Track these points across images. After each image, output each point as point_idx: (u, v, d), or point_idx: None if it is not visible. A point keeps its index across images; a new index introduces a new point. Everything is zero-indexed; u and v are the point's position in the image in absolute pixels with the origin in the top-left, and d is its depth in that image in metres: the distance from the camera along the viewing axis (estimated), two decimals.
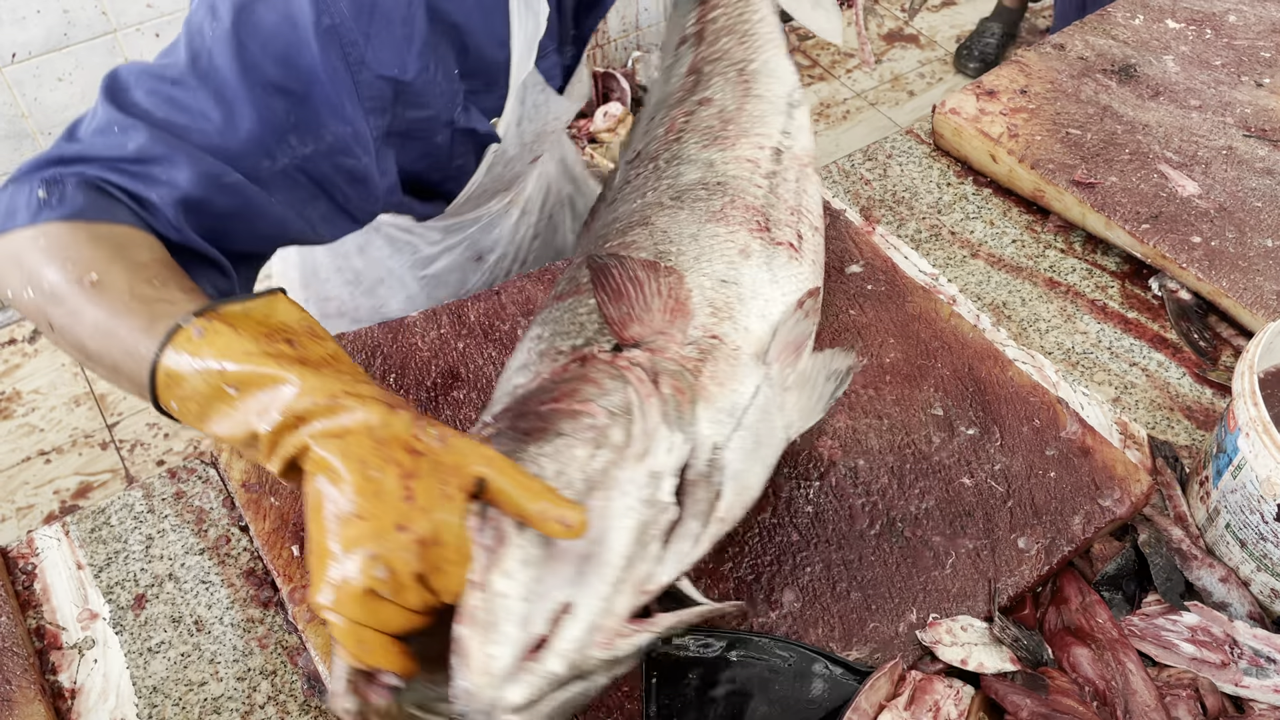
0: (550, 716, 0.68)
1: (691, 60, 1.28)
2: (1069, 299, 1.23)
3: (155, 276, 0.74)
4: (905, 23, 3.44)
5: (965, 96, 1.41)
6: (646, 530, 0.77)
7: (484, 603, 0.67)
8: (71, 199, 0.77)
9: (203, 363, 0.67)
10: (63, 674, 0.94)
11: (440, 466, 0.66)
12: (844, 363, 0.99)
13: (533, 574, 0.70)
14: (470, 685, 0.66)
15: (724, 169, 1.13)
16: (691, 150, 1.16)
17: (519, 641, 0.68)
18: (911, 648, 0.89)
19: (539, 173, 1.39)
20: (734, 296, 0.99)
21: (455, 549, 0.65)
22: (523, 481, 0.68)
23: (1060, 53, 1.48)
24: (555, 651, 0.68)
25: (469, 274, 1.38)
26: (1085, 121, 1.37)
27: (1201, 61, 1.46)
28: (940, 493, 0.99)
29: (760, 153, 1.15)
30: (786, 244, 1.06)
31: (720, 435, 0.87)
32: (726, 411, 0.89)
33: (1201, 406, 1.11)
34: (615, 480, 0.78)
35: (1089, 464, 1.00)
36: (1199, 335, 1.17)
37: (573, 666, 0.69)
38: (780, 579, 0.94)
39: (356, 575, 0.62)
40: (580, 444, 0.78)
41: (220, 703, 0.93)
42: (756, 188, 1.11)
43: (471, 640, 0.66)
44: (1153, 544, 0.96)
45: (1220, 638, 0.89)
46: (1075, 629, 0.91)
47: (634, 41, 3.35)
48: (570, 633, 0.69)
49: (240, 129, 0.83)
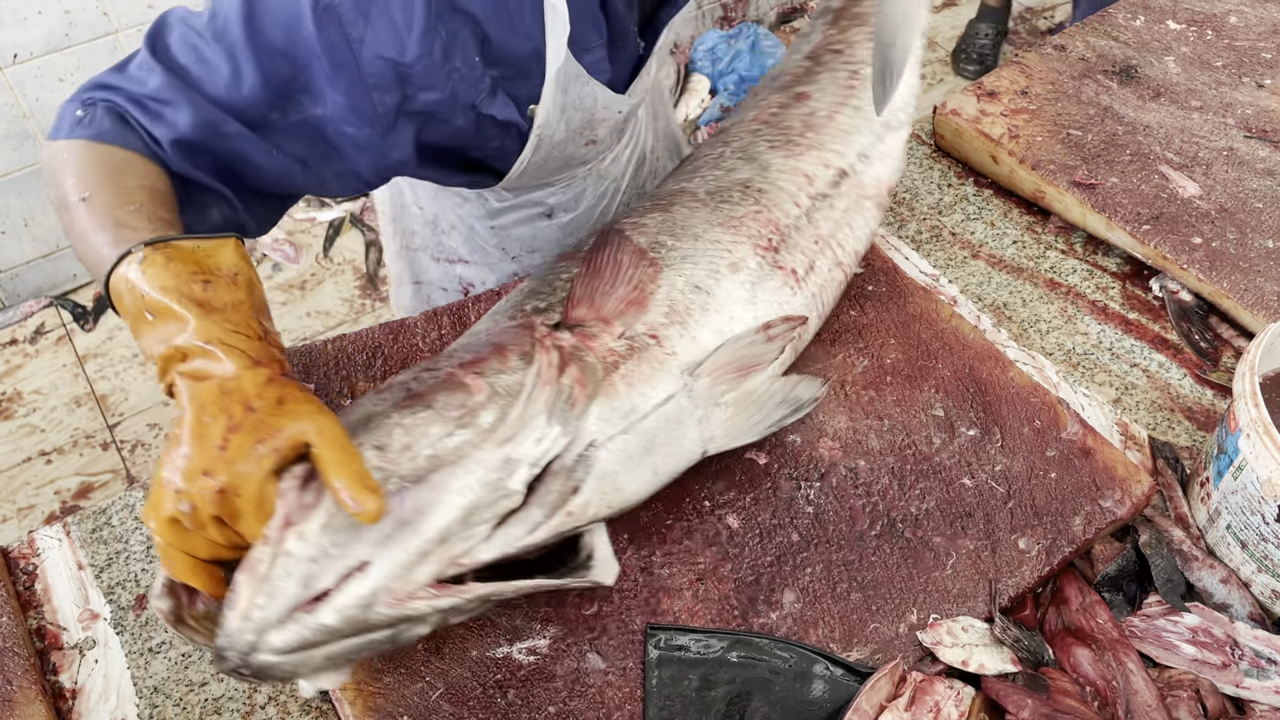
0: (324, 662, 0.75)
1: (818, 42, 1.25)
2: (1070, 300, 1.23)
3: (135, 201, 0.85)
4: None
5: (966, 98, 1.41)
6: (478, 511, 0.81)
7: (267, 557, 0.73)
8: (99, 122, 0.89)
9: (133, 286, 0.78)
10: (64, 674, 0.94)
11: (263, 425, 0.72)
12: (808, 392, 1.00)
13: (332, 538, 0.75)
14: (232, 628, 0.72)
15: (775, 177, 1.11)
16: (759, 148, 1.15)
17: (293, 596, 0.73)
18: (912, 649, 0.89)
19: (631, 147, 1.40)
20: (697, 305, 0.99)
21: (252, 501, 0.72)
22: (339, 455, 0.74)
23: (1061, 54, 1.48)
24: (333, 606, 0.74)
25: (539, 229, 1.39)
26: (1086, 122, 1.37)
27: (1202, 63, 1.46)
28: (941, 493, 0.99)
29: (822, 171, 1.12)
30: (788, 270, 1.05)
31: (603, 434, 0.89)
32: (622, 413, 0.90)
33: (1202, 407, 1.11)
34: (465, 459, 0.82)
35: (1090, 465, 1.00)
36: (1200, 336, 1.17)
37: (351, 621, 0.74)
38: (781, 579, 0.94)
39: (166, 504, 0.71)
40: (441, 421, 0.83)
41: (221, 703, 0.93)
42: (794, 206, 1.09)
43: (244, 588, 0.73)
44: (1153, 545, 0.96)
45: (1221, 639, 0.89)
46: (1075, 629, 0.91)
47: None
48: (356, 589, 0.74)
49: (244, 85, 0.92)
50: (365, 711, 0.87)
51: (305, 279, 2.80)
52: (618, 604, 0.92)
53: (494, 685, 0.88)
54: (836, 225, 1.11)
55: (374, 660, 0.89)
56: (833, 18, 1.26)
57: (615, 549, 0.92)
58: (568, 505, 0.86)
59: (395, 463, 0.80)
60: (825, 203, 1.11)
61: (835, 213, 1.11)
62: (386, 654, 0.89)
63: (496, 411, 0.85)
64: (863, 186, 1.14)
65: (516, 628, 0.91)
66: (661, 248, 1.03)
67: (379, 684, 0.88)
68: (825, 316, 1.11)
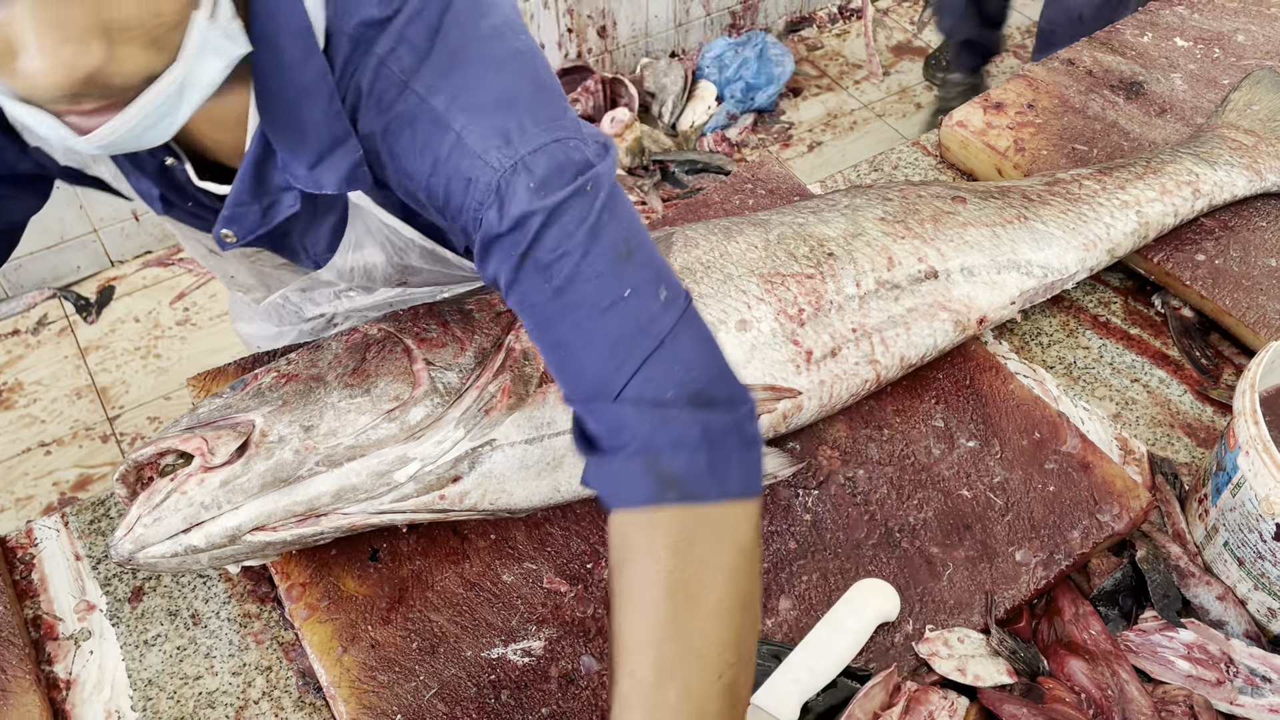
0: (208, 565, 0.90)
1: (1059, 179, 1.19)
2: (1071, 314, 1.23)
3: None
4: (914, 35, 3.45)
5: (973, 109, 1.41)
6: (355, 491, 0.89)
7: (164, 490, 0.86)
8: None
9: None
10: (58, 664, 0.94)
11: None
12: (771, 466, 0.98)
13: (226, 494, 0.86)
14: (117, 537, 0.87)
15: (856, 246, 1.05)
16: (870, 213, 1.09)
17: (173, 528, 0.86)
18: (908, 658, 0.89)
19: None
20: None
21: None
22: None
23: (1068, 68, 1.49)
24: (204, 532, 0.86)
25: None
26: (1092, 137, 1.37)
27: (1209, 80, 1.46)
28: (939, 504, 0.99)
29: (911, 262, 1.05)
30: (805, 350, 0.99)
31: (507, 438, 0.91)
32: (536, 424, 0.91)
33: (1202, 424, 1.11)
34: (374, 452, 0.88)
35: (1088, 479, 1.00)
36: (1201, 353, 1.17)
37: (217, 545, 0.87)
38: (776, 586, 0.94)
39: None
40: (372, 413, 0.88)
41: (215, 697, 0.93)
42: (852, 284, 1.02)
43: (135, 509, 0.87)
44: (1150, 560, 0.96)
45: (1216, 655, 0.89)
46: (1068, 641, 0.91)
47: (643, 48, 3.36)
48: (225, 522, 0.86)
49: None
50: (360, 710, 0.87)
51: None
52: None
53: (488, 685, 0.88)
54: (891, 322, 1.03)
55: (369, 659, 0.89)
56: (1098, 173, 1.20)
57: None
58: (443, 489, 0.90)
59: (315, 447, 0.88)
60: (890, 294, 1.03)
61: (895, 308, 1.03)
62: (381, 654, 0.90)
63: (426, 410, 0.89)
64: (947, 296, 1.06)
65: (512, 629, 0.91)
66: (689, 275, 1.00)
67: (374, 682, 0.88)
68: (833, 409, 1.04)
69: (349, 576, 0.95)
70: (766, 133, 3.16)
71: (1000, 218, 1.12)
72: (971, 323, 1.07)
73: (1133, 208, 1.16)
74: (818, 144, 3.12)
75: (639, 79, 3.24)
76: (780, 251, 1.04)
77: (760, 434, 0.77)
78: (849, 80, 3.35)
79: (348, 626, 0.92)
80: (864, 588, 0.91)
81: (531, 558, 0.96)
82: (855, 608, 0.89)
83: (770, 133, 3.16)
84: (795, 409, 0.99)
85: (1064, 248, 1.12)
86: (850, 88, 3.31)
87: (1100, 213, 1.15)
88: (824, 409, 1.02)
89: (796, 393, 0.97)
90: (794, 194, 1.29)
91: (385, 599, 0.94)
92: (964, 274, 1.07)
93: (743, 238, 1.05)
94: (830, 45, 3.51)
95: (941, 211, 1.11)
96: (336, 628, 0.92)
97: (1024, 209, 1.14)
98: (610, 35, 3.24)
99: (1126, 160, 1.24)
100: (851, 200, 1.13)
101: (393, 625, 0.92)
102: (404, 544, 0.97)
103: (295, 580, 0.95)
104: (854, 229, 1.07)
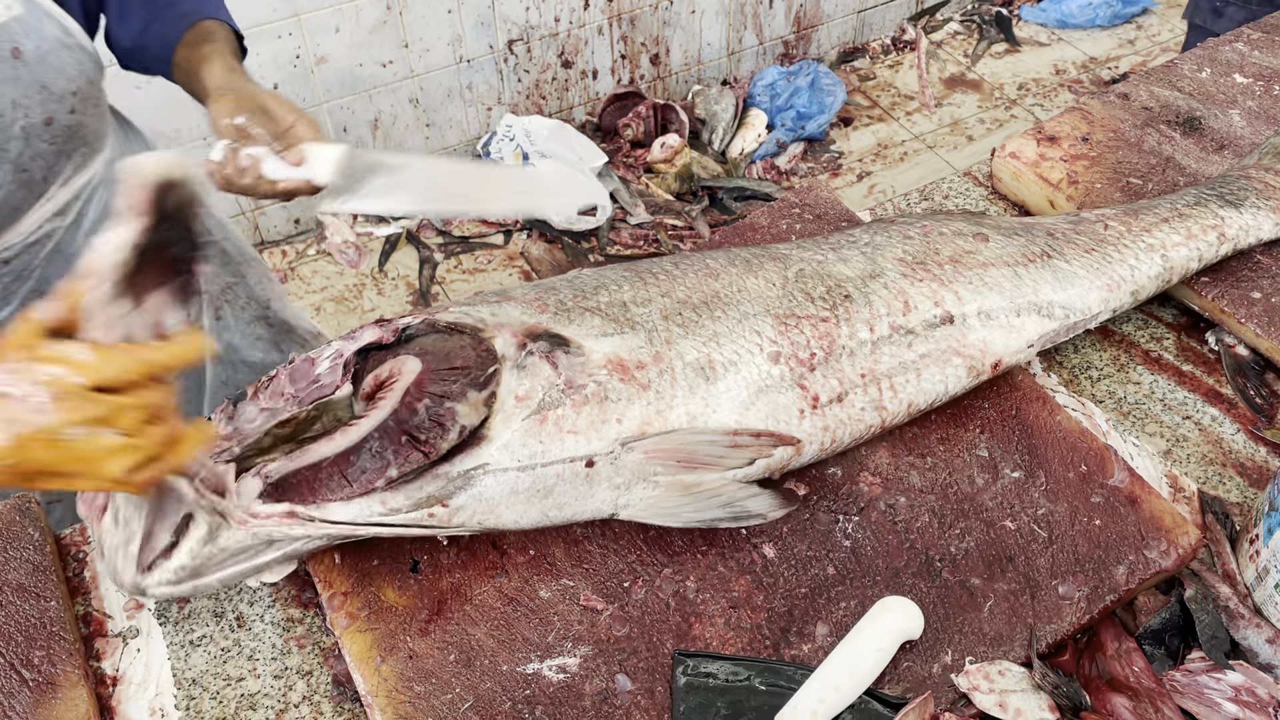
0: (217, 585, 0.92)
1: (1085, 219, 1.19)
2: (1122, 348, 1.21)
3: None
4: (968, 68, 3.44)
5: (1026, 141, 1.41)
6: None
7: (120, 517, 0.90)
8: None
9: None
10: (106, 661, 0.96)
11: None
12: (759, 508, 0.93)
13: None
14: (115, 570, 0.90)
15: (873, 288, 1.04)
16: (889, 252, 1.08)
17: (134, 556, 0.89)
18: (946, 690, 0.88)
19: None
20: (686, 385, 0.95)
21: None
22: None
23: (1124, 102, 1.47)
24: (182, 551, 0.89)
25: None
26: (1147, 171, 1.36)
27: (1269, 117, 1.44)
28: (981, 534, 0.98)
29: (928, 306, 1.04)
30: (811, 395, 0.98)
31: (499, 464, 0.91)
32: (529, 453, 0.92)
33: (1255, 464, 1.09)
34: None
35: (1136, 514, 0.98)
36: (1255, 392, 1.15)
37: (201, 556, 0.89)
38: (814, 612, 0.93)
39: None
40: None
41: (256, 699, 0.94)
42: (865, 328, 1.01)
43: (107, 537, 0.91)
44: (1199, 600, 0.94)
45: (1265, 699, 0.87)
46: (1110, 677, 0.89)
47: (695, 75, 3.38)
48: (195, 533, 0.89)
49: None
50: (396, 719, 0.87)
51: (363, 287, 2.87)
52: (649, 626, 0.92)
53: (523, 700, 0.89)
54: (902, 367, 1.02)
55: (406, 670, 0.90)
56: (1124, 214, 1.19)
57: (651, 569, 0.92)
58: (433, 509, 0.91)
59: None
60: (904, 339, 1.02)
61: (907, 353, 1.02)
62: (419, 665, 0.90)
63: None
64: (962, 341, 1.04)
65: (548, 645, 0.92)
66: (707, 309, 1.01)
67: (410, 693, 0.89)
68: (834, 452, 1.03)
69: (390, 587, 0.96)
70: (816, 161, 3.16)
71: (1023, 255, 1.11)
72: (986, 367, 1.06)
73: (1158, 250, 1.15)
74: (867, 173, 3.12)
75: (690, 105, 3.27)
76: (797, 291, 1.03)
77: None
78: (900, 111, 3.35)
79: (387, 636, 0.93)
80: (886, 605, 0.90)
81: (569, 574, 0.97)
82: (878, 625, 0.89)
83: (819, 161, 3.16)
84: (795, 454, 0.99)
85: (1087, 287, 1.11)
86: (902, 119, 3.31)
87: (1125, 254, 1.14)
88: (824, 452, 1.02)
89: (796, 440, 0.96)
90: (842, 220, 1.29)
91: (425, 610, 0.95)
92: (981, 318, 1.06)
93: (762, 273, 1.05)
94: (883, 76, 3.51)
95: (963, 251, 1.10)
96: (376, 637, 0.93)
97: (1049, 245, 1.13)
98: (663, 62, 3.28)
99: (1151, 202, 1.22)
100: (873, 238, 1.12)
101: (431, 637, 0.93)
102: (445, 556, 0.98)
103: (337, 590, 0.96)
104: (872, 269, 1.07)
